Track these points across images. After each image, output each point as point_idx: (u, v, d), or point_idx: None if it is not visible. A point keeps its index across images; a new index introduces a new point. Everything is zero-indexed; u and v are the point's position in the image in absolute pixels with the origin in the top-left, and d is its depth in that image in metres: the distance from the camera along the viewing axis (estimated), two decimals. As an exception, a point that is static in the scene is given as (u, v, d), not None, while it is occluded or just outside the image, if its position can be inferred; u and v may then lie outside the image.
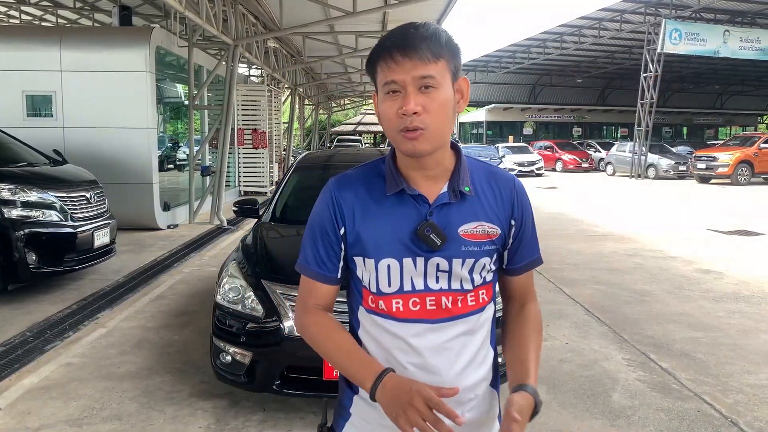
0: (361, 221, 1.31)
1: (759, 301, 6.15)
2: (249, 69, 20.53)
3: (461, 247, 1.29)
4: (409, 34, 1.22)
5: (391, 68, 1.22)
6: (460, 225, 1.29)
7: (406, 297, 1.30)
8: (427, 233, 1.27)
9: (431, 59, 1.21)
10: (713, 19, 23.48)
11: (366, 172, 1.37)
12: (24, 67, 9.52)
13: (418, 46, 1.20)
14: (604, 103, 43.50)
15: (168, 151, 18.35)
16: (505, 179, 1.37)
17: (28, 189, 5.87)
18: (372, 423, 1.35)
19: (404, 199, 1.30)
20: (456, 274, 1.30)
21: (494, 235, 1.32)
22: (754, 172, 20.83)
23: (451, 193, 1.30)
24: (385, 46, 1.24)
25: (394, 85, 1.22)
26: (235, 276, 3.64)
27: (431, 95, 1.22)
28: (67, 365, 4.29)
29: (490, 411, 1.39)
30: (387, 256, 1.29)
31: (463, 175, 1.32)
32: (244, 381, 3.43)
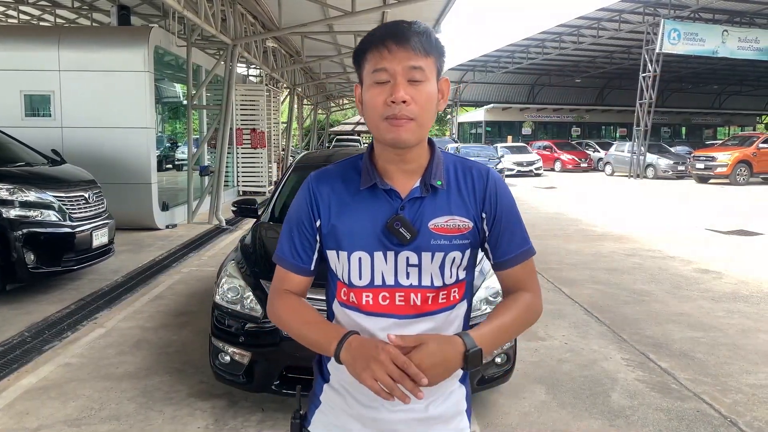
0: (336, 214, 1.34)
1: (758, 300, 6.15)
2: (248, 69, 20.51)
3: (431, 240, 1.30)
4: (403, 27, 1.26)
5: (384, 56, 1.24)
6: (431, 219, 1.31)
7: (376, 291, 1.32)
8: (397, 227, 1.29)
9: (422, 53, 1.25)
10: (712, 19, 23.49)
11: (344, 167, 1.41)
12: (22, 67, 9.50)
13: (412, 38, 1.24)
14: (602, 103, 43.50)
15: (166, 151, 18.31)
16: (479, 172, 1.38)
17: (27, 189, 5.85)
18: (337, 410, 1.39)
19: (377, 193, 1.33)
20: (426, 268, 1.31)
21: (465, 228, 1.33)
22: (752, 172, 20.85)
23: (423, 187, 1.32)
24: (378, 35, 1.27)
25: (384, 74, 1.25)
26: (234, 276, 3.63)
27: (419, 87, 1.25)
28: (65, 365, 4.28)
29: (457, 405, 1.40)
30: (359, 249, 1.31)
31: (435, 170, 1.34)
32: (243, 381, 3.42)
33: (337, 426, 1.40)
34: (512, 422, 3.52)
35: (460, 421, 1.41)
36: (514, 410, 3.66)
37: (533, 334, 5.02)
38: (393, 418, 1.34)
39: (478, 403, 3.71)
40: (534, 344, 4.79)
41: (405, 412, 1.32)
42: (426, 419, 1.35)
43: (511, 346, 3.56)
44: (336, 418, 1.40)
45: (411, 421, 1.34)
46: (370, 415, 1.35)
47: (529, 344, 4.74)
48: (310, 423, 1.45)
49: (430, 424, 1.36)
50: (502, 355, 3.49)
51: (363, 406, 1.35)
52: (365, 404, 1.35)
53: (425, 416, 1.35)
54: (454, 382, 1.39)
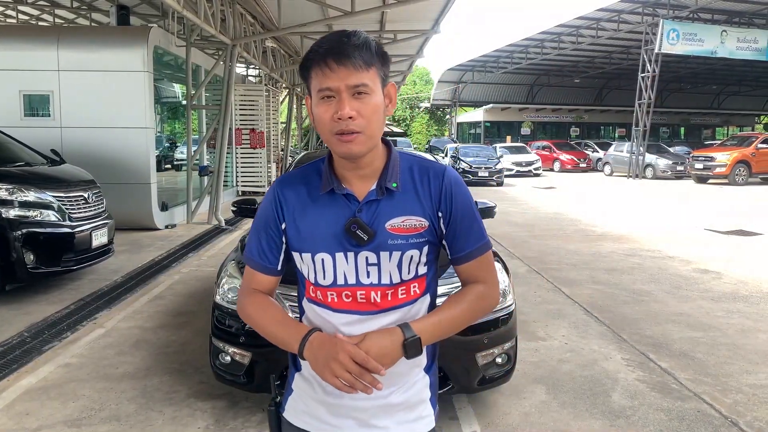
0: (299, 218, 1.41)
1: (757, 300, 6.16)
2: (247, 69, 20.50)
3: (388, 240, 1.36)
4: (342, 42, 1.29)
5: (326, 75, 1.29)
6: (388, 220, 1.37)
7: (339, 290, 1.39)
8: (354, 229, 1.35)
9: (364, 67, 1.29)
10: (711, 19, 23.50)
11: (307, 171, 1.47)
12: (21, 67, 9.49)
13: (352, 55, 1.28)
14: (601, 103, 43.50)
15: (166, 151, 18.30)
16: (435, 172, 1.42)
17: (26, 189, 5.85)
18: (306, 397, 1.47)
19: (336, 197, 1.39)
20: (385, 267, 1.38)
21: (421, 228, 1.38)
22: (751, 172, 20.88)
23: (379, 190, 1.38)
24: (319, 53, 1.30)
25: (328, 92, 1.30)
26: (235, 276, 3.62)
27: (364, 101, 1.30)
28: (65, 366, 4.27)
29: (420, 394, 1.47)
30: (321, 250, 1.38)
31: (391, 173, 1.39)
32: (244, 381, 3.42)
33: (306, 412, 1.47)
34: (513, 422, 3.51)
35: (423, 409, 1.48)
36: (515, 410, 3.66)
37: (533, 334, 5.02)
38: (357, 405, 1.41)
39: (479, 404, 3.71)
40: (534, 344, 4.79)
41: (367, 399, 1.38)
42: (387, 406, 1.42)
43: (512, 347, 3.56)
44: (305, 404, 1.47)
45: (373, 407, 1.41)
46: (336, 401, 1.42)
47: (529, 344, 4.74)
48: (284, 410, 1.52)
49: (393, 411, 1.43)
50: (502, 355, 3.48)
51: (328, 394, 1.43)
52: (330, 392, 1.41)
53: (386, 403, 1.42)
54: (418, 372, 1.46)
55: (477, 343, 3.34)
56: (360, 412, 1.42)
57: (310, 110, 1.39)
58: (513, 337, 3.57)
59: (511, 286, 3.69)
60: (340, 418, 1.43)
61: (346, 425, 1.43)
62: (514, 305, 3.61)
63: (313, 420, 1.47)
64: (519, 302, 5.54)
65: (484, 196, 5.98)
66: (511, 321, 3.55)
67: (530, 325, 5.25)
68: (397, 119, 49.90)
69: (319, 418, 1.46)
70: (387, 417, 1.43)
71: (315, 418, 1.46)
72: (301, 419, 1.48)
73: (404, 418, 1.44)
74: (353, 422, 1.43)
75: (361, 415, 1.42)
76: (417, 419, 1.46)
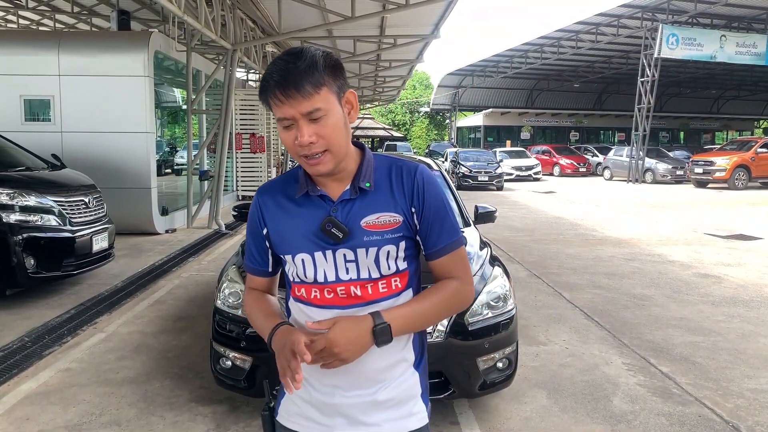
0: (278, 221, 1.48)
1: (758, 305, 6.15)
2: (247, 73, 20.53)
3: (364, 237, 1.41)
4: (288, 69, 1.32)
5: (278, 106, 1.33)
6: (362, 217, 1.42)
7: (320, 287, 1.44)
8: (329, 228, 1.40)
9: (312, 92, 1.31)
10: (710, 24, 23.56)
11: (286, 177, 1.54)
12: (22, 72, 9.50)
13: (299, 83, 1.30)
14: (601, 107, 43.56)
15: (166, 156, 18.33)
16: (407, 170, 1.46)
17: (27, 193, 5.85)
18: (297, 399, 1.50)
19: (311, 199, 1.45)
20: (362, 263, 1.42)
21: (396, 223, 1.43)
22: (751, 177, 20.90)
23: (353, 189, 1.43)
24: (269, 85, 1.34)
25: (286, 121, 1.35)
26: (236, 281, 3.63)
27: (321, 122, 1.34)
28: (65, 370, 4.27)
29: (410, 390, 1.49)
30: (300, 251, 1.44)
31: (364, 174, 1.44)
32: (244, 386, 3.41)
33: (298, 414, 1.50)
34: (514, 427, 3.51)
35: (414, 405, 1.50)
36: (516, 415, 3.65)
37: (534, 338, 5.02)
38: (346, 402, 1.44)
39: (480, 408, 3.71)
40: (535, 349, 4.78)
41: (356, 397, 1.44)
42: (376, 402, 1.45)
43: (513, 351, 3.56)
44: (297, 406, 1.51)
45: (362, 404, 1.44)
46: (326, 400, 1.46)
47: (530, 349, 4.74)
48: (277, 413, 1.55)
49: (382, 408, 1.45)
50: (503, 359, 3.49)
51: (319, 393, 1.46)
52: (321, 391, 1.46)
53: (373, 400, 1.44)
54: (406, 368, 1.49)
55: (478, 347, 3.34)
56: (349, 409, 1.44)
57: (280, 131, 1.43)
58: (514, 342, 3.57)
59: (511, 290, 3.69)
60: (330, 417, 1.46)
61: (337, 423, 1.46)
62: (514, 310, 3.62)
63: (305, 421, 1.49)
64: (519, 307, 5.53)
65: (484, 201, 5.98)
66: (512, 325, 3.55)
67: (531, 329, 5.24)
68: (397, 124, 49.99)
69: (310, 418, 1.48)
70: (377, 413, 1.45)
71: (306, 418, 1.49)
72: (294, 421, 1.51)
73: (394, 415, 1.47)
74: (344, 420, 1.45)
75: (350, 411, 1.45)
76: (408, 415, 1.48)
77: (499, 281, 3.65)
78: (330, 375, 1.41)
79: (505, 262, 4.41)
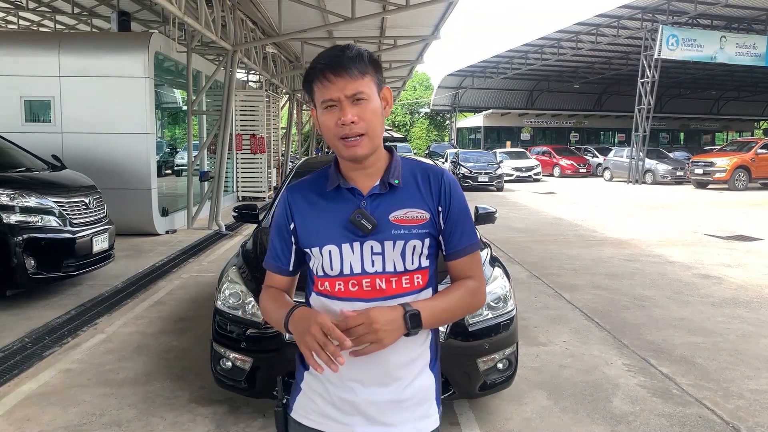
0: (307, 215, 1.54)
1: (758, 306, 6.15)
2: (247, 74, 20.56)
3: (392, 230, 1.47)
4: (337, 56, 1.43)
5: (326, 87, 1.42)
6: (391, 212, 1.48)
7: (346, 279, 1.48)
8: (358, 219, 1.46)
9: (359, 76, 1.42)
10: (710, 25, 23.56)
11: (315, 176, 1.60)
12: (22, 73, 9.51)
13: (347, 66, 1.41)
14: (601, 108, 43.58)
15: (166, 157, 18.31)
16: (434, 172, 1.55)
17: (27, 194, 5.85)
18: (316, 396, 1.53)
19: (342, 192, 1.51)
20: (389, 255, 1.47)
21: (423, 219, 1.49)
22: (751, 178, 20.90)
23: (382, 185, 1.50)
24: (318, 68, 1.44)
25: (330, 102, 1.43)
26: (236, 281, 3.63)
27: (363, 106, 1.43)
28: (66, 371, 4.27)
29: (426, 391, 1.53)
30: (328, 242, 1.48)
31: (393, 171, 1.51)
32: (244, 387, 3.41)
33: (316, 411, 1.53)
34: (514, 428, 3.51)
35: (429, 407, 1.54)
36: (516, 416, 3.65)
37: (534, 339, 5.02)
38: (365, 399, 1.47)
39: (480, 409, 3.70)
40: (535, 350, 4.78)
41: (376, 394, 1.47)
42: (395, 402, 1.48)
43: (513, 352, 3.56)
44: (315, 403, 1.53)
45: (381, 403, 1.48)
46: (346, 397, 1.48)
47: (530, 350, 4.74)
48: (292, 410, 1.58)
49: (401, 408, 1.49)
50: (504, 360, 3.48)
51: (339, 389, 1.49)
52: (341, 387, 1.48)
53: (395, 398, 1.48)
54: (423, 367, 1.53)
55: (478, 348, 3.34)
56: (368, 407, 1.47)
57: (317, 120, 1.50)
58: (514, 343, 3.57)
59: (511, 291, 3.69)
60: (349, 415, 1.49)
61: (356, 422, 1.49)
62: (514, 310, 3.61)
63: (323, 418, 1.52)
64: (520, 307, 5.54)
65: (485, 202, 5.98)
66: (512, 326, 3.55)
67: (531, 330, 5.24)
68: (397, 125, 50.00)
69: (328, 416, 1.51)
70: (395, 414, 1.48)
71: (325, 416, 1.51)
72: (311, 418, 1.54)
73: (412, 416, 1.50)
74: (362, 419, 1.48)
75: (369, 410, 1.47)
76: (423, 417, 1.52)
77: (499, 282, 3.65)
78: (351, 369, 1.43)
79: (506, 263, 4.41)
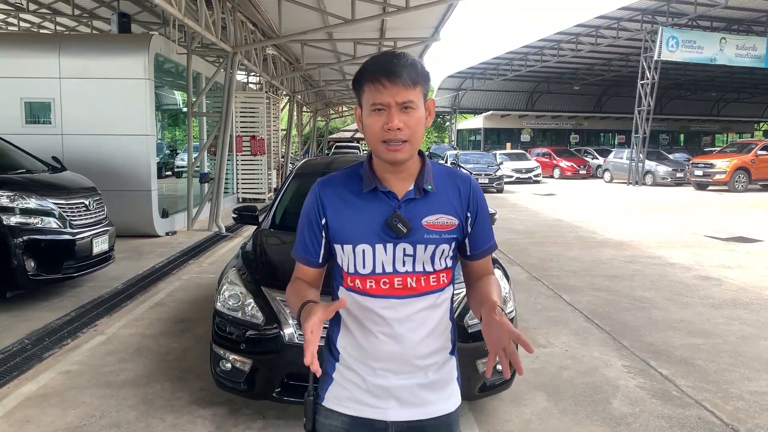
0: (341, 213, 1.57)
1: (758, 307, 6.15)
2: (247, 76, 20.56)
3: (424, 235, 1.54)
4: (393, 62, 1.48)
5: (379, 91, 1.47)
6: (424, 217, 1.55)
7: (377, 278, 1.55)
8: (395, 223, 1.52)
9: (411, 86, 1.48)
10: (709, 26, 23.57)
11: (346, 174, 1.64)
12: (22, 74, 9.52)
13: (402, 74, 1.46)
14: (601, 110, 43.58)
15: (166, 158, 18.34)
16: (462, 179, 1.64)
17: (27, 196, 5.85)
18: (349, 384, 1.60)
19: (377, 195, 1.56)
20: (419, 258, 1.55)
21: (452, 225, 1.57)
22: (751, 179, 20.89)
23: (416, 190, 1.56)
24: (372, 71, 1.49)
25: (380, 106, 1.48)
26: (235, 283, 3.63)
27: (410, 114, 1.49)
28: (65, 373, 4.27)
29: (449, 374, 1.64)
30: (362, 242, 1.54)
31: (426, 176, 1.58)
32: (244, 388, 3.41)
33: (350, 398, 1.60)
34: (513, 429, 3.51)
35: (453, 388, 1.65)
36: (516, 417, 3.65)
37: (534, 340, 5.02)
38: (399, 384, 1.56)
39: (480, 410, 3.70)
40: (535, 351, 4.77)
41: (408, 378, 1.56)
42: (426, 384, 1.58)
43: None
44: (349, 391, 1.60)
45: (413, 386, 1.57)
46: (379, 383, 1.56)
47: (529, 351, 4.73)
48: (323, 399, 1.63)
49: (429, 389, 1.59)
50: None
51: (372, 377, 1.57)
52: (373, 375, 1.57)
53: (426, 381, 1.58)
54: (447, 353, 1.63)
55: (477, 349, 3.33)
56: (401, 390, 1.56)
57: (360, 119, 1.57)
58: (514, 344, 3.56)
59: (511, 292, 3.70)
60: (384, 399, 1.57)
61: (389, 405, 1.57)
62: (514, 312, 3.62)
63: (358, 404, 1.59)
64: (519, 309, 5.55)
65: (485, 203, 5.97)
66: (512, 328, 3.54)
67: (531, 331, 5.24)
68: (397, 126, 49.97)
69: (363, 402, 1.58)
70: (426, 393, 1.58)
71: (359, 402, 1.59)
72: (346, 405, 1.60)
73: (439, 397, 1.61)
74: (396, 402, 1.57)
75: (402, 393, 1.56)
76: (449, 398, 1.63)
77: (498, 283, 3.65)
78: (384, 361, 1.54)
79: (505, 265, 4.41)
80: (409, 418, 1.58)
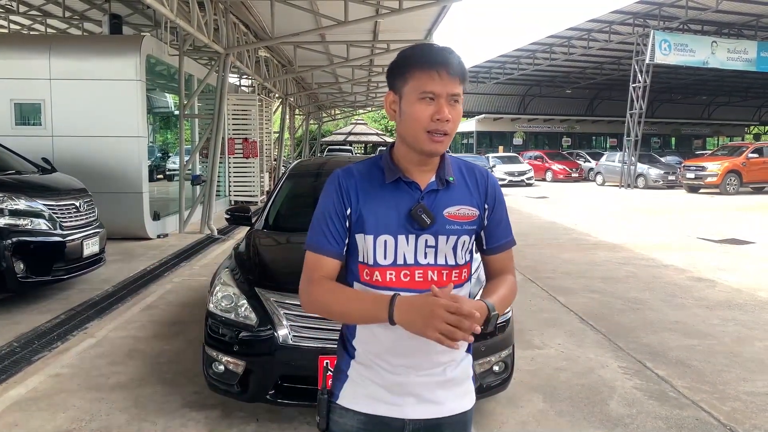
0: (364, 203, 1.55)
1: (752, 308, 6.15)
2: (240, 78, 20.50)
3: (446, 225, 1.54)
4: (447, 54, 1.49)
5: (433, 79, 1.46)
6: (445, 208, 1.55)
7: (398, 269, 1.53)
8: (419, 213, 1.52)
9: (460, 80, 1.50)
10: (701, 30, 23.72)
11: (367, 165, 1.62)
12: (13, 76, 9.44)
13: (458, 68, 1.48)
14: (593, 113, 43.79)
15: (158, 161, 18.24)
16: (480, 172, 1.66)
17: (16, 197, 5.78)
18: (366, 381, 1.57)
19: (400, 185, 1.55)
20: (441, 249, 1.54)
21: (473, 216, 1.58)
22: (742, 182, 21.00)
23: (438, 181, 1.57)
24: (427, 60, 1.48)
25: (431, 95, 1.47)
26: (228, 284, 3.58)
27: (456, 108, 1.50)
28: (55, 376, 4.20)
29: (466, 371, 1.64)
30: (384, 232, 1.53)
31: (447, 168, 1.59)
32: (237, 391, 3.36)
33: (366, 396, 1.57)
34: (510, 431, 3.48)
35: (468, 385, 1.65)
36: (512, 419, 3.62)
37: (529, 342, 4.99)
38: (417, 381, 1.54)
39: (476, 412, 3.63)
40: (531, 353, 4.75)
41: (427, 376, 1.54)
42: (444, 382, 1.57)
43: (509, 354, 3.53)
44: (365, 388, 1.57)
45: (431, 383, 1.55)
46: (397, 380, 1.54)
47: (525, 353, 4.71)
48: (338, 397, 1.60)
49: (446, 386, 1.57)
50: (500, 363, 3.45)
51: (390, 374, 1.54)
52: (392, 372, 1.54)
53: (444, 379, 1.56)
54: (464, 351, 1.63)
55: (474, 351, 3.30)
56: (418, 388, 1.54)
57: (390, 106, 1.56)
58: (510, 345, 3.54)
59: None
60: (401, 396, 1.55)
61: (407, 402, 1.55)
62: (510, 313, 3.59)
63: (374, 402, 1.56)
64: (515, 310, 5.50)
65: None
66: (508, 329, 3.52)
67: (526, 333, 5.21)
68: (390, 129, 50.00)
69: (380, 399, 1.56)
70: (443, 392, 1.57)
71: (376, 399, 1.56)
72: (361, 403, 1.58)
73: (455, 393, 1.60)
74: (413, 399, 1.55)
75: (419, 390, 1.54)
76: (465, 394, 1.63)
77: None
78: (401, 358, 1.52)
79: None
80: (427, 416, 1.56)
